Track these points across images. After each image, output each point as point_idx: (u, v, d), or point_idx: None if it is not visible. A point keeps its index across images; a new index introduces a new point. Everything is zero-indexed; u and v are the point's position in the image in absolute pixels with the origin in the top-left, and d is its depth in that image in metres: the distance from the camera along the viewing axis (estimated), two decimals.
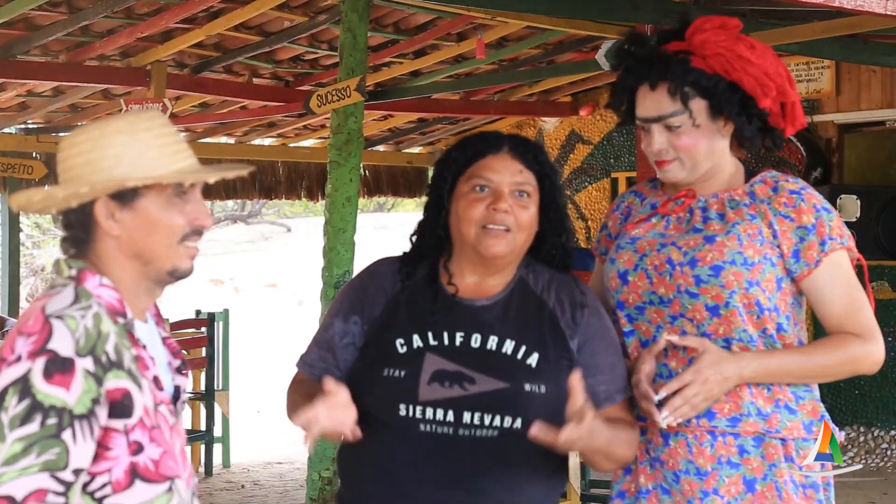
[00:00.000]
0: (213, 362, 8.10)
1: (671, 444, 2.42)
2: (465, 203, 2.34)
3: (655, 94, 2.44)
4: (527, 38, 8.05)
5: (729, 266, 2.37)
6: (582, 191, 10.07)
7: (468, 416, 2.25)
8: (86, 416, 1.79)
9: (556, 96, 9.90)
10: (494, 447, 2.26)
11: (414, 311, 2.36)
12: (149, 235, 1.92)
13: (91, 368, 1.79)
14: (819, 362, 2.41)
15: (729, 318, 2.38)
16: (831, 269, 2.42)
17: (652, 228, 2.52)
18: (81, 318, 1.82)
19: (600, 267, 2.66)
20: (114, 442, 1.83)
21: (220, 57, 8.11)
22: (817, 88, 8.43)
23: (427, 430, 2.26)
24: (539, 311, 2.37)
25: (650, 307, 2.45)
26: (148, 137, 1.92)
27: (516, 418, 2.25)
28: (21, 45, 7.39)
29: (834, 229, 2.42)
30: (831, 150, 8.49)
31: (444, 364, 2.29)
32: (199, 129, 10.38)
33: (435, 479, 2.25)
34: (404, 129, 10.89)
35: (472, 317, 2.35)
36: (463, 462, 2.25)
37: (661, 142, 2.44)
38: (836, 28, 6.08)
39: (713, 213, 2.46)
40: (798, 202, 2.42)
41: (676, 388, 2.33)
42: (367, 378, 2.33)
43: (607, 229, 2.67)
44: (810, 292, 2.44)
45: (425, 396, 2.26)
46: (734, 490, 2.38)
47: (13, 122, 9.59)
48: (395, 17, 7.64)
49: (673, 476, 2.42)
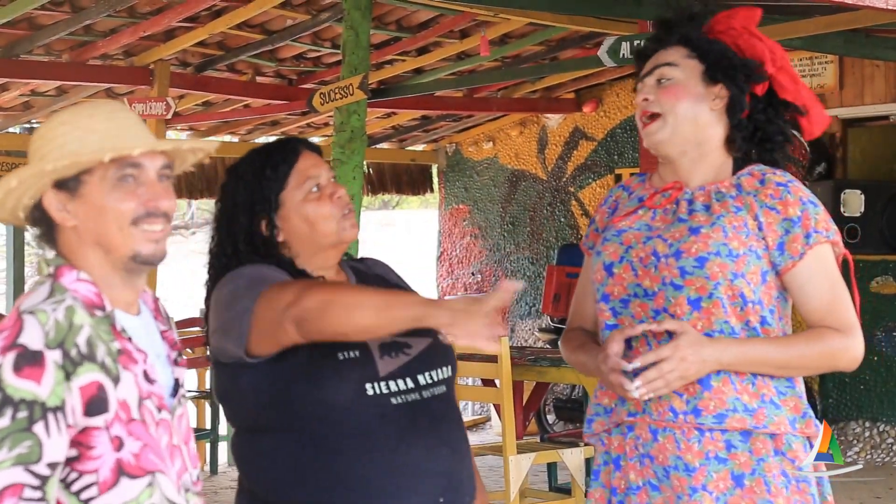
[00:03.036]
0: None
1: (659, 440, 2.41)
2: (314, 204, 2.42)
3: (660, 54, 2.52)
4: (530, 35, 8.05)
5: (714, 257, 2.37)
6: (586, 187, 10.06)
7: (422, 378, 2.36)
8: (60, 407, 1.78)
9: (559, 93, 9.90)
10: (448, 397, 2.42)
11: None
12: (98, 223, 1.89)
13: (60, 360, 1.79)
14: (797, 353, 2.40)
15: (711, 309, 2.38)
16: (815, 263, 2.41)
17: (638, 220, 2.52)
18: (53, 311, 1.82)
19: (587, 262, 2.66)
20: (96, 440, 1.82)
21: (222, 55, 8.12)
22: (821, 83, 8.42)
23: (399, 402, 2.30)
24: (386, 283, 2.55)
25: (634, 300, 2.45)
26: (90, 123, 1.90)
27: (448, 366, 2.43)
28: (24, 45, 7.40)
29: (819, 222, 2.41)
30: (835, 145, 8.48)
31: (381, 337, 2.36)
32: (203, 128, 10.38)
33: (425, 443, 2.31)
34: (407, 127, 10.89)
35: None
36: (438, 419, 2.36)
37: (647, 92, 2.49)
38: (839, 23, 6.07)
39: (699, 205, 2.46)
40: (784, 194, 2.42)
41: (652, 361, 2.33)
42: (322, 366, 2.28)
43: (595, 224, 2.67)
44: (793, 285, 2.43)
45: (384, 370, 2.31)
46: (723, 485, 2.37)
47: (17, 121, 9.61)
48: (397, 15, 7.65)
49: (663, 472, 2.41)
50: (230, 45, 8.02)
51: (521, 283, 2.09)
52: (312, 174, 2.44)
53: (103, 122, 1.90)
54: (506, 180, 10.67)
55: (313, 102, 6.17)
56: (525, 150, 10.56)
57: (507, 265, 10.62)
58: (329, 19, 7.31)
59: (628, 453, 2.47)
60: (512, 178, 10.61)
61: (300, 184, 2.43)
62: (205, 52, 8.09)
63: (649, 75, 2.50)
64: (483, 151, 10.89)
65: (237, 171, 2.50)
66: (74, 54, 7.75)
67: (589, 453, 5.72)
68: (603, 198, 2.70)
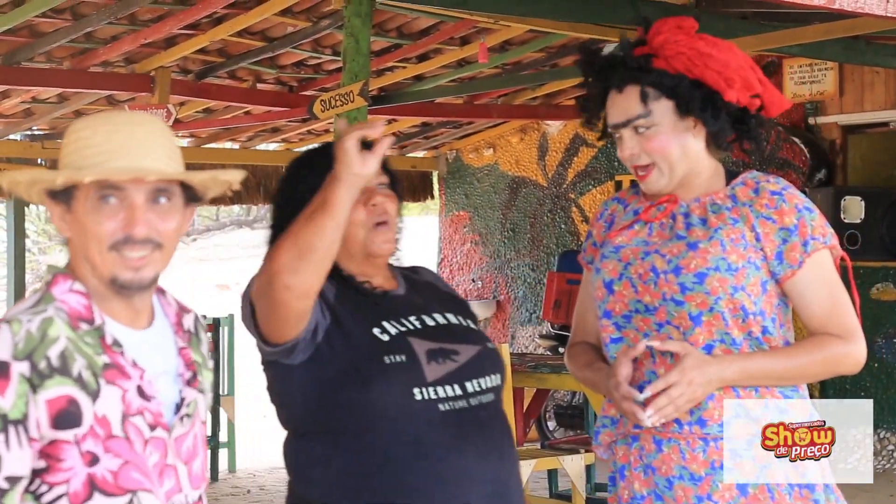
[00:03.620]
0: (219, 367, 8.12)
1: (664, 451, 2.41)
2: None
3: (622, 98, 2.46)
4: (530, 42, 8.06)
5: (713, 273, 2.37)
6: (586, 194, 10.07)
7: (470, 385, 2.34)
8: (20, 421, 1.74)
9: (559, 99, 9.90)
10: (496, 405, 2.39)
11: (361, 305, 2.38)
12: (83, 241, 1.85)
13: (27, 373, 1.75)
14: (800, 363, 2.40)
15: (712, 322, 2.38)
16: (814, 270, 2.41)
17: (635, 236, 2.51)
18: (28, 321, 1.78)
19: (586, 276, 2.65)
20: (65, 453, 1.78)
21: (223, 62, 8.13)
22: (820, 90, 8.43)
23: (447, 408, 2.29)
24: (437, 290, 2.54)
25: (636, 315, 2.45)
26: (93, 136, 1.84)
27: (496, 374, 2.41)
28: (25, 52, 7.41)
29: (816, 229, 2.41)
30: (835, 152, 8.49)
31: (428, 344, 2.34)
32: (204, 135, 10.40)
33: (474, 450, 2.30)
34: (408, 134, 10.90)
35: (408, 303, 2.44)
36: (487, 427, 2.34)
37: (631, 146, 2.45)
38: (838, 30, 6.08)
39: (695, 219, 2.45)
40: (780, 203, 2.42)
41: (662, 388, 2.33)
42: (369, 371, 2.28)
43: (592, 237, 2.65)
44: (793, 293, 2.43)
45: (431, 376, 2.30)
46: (728, 495, 2.37)
47: (18, 128, 9.62)
48: (397, 22, 7.65)
49: (666, 482, 2.41)
50: (231, 52, 8.03)
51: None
52: None
53: (108, 135, 1.84)
54: (506, 187, 10.68)
55: (314, 109, 6.17)
56: (525, 156, 10.57)
57: (508, 272, 10.62)
58: (329, 26, 7.32)
59: (633, 463, 2.47)
60: (512, 185, 10.62)
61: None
62: (205, 59, 8.10)
63: (622, 127, 2.45)
64: (483, 158, 10.90)
65: (295, 167, 2.48)
66: (75, 61, 7.76)
67: (589, 460, 5.72)
68: (599, 209, 2.69)
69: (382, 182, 2.44)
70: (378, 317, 2.36)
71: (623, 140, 2.46)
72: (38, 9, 6.49)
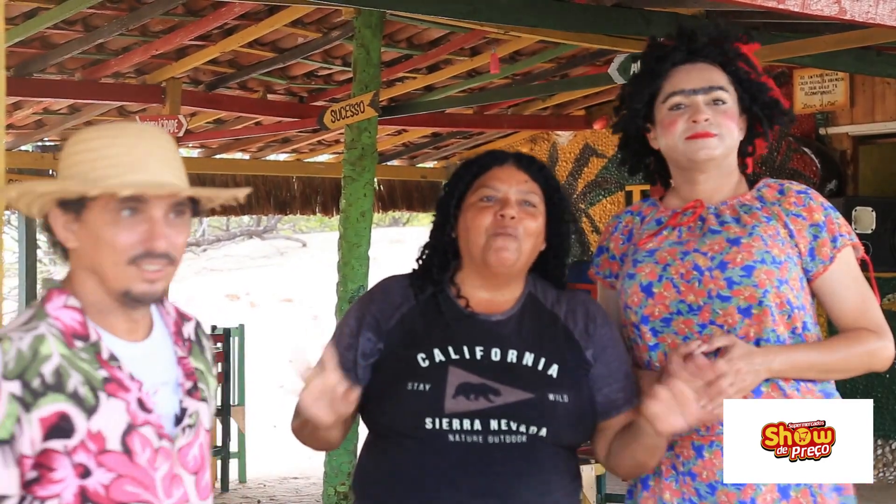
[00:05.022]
0: (229, 377, 8.11)
1: (705, 456, 2.41)
2: (473, 212, 2.37)
3: (698, 68, 2.51)
4: (540, 53, 8.06)
5: (760, 265, 2.39)
6: (596, 204, 10.07)
7: (495, 423, 2.27)
8: (7, 441, 1.73)
9: (569, 110, 9.91)
10: (524, 452, 2.28)
11: (431, 325, 2.37)
12: (95, 252, 1.82)
13: (18, 392, 1.73)
14: (841, 356, 2.44)
15: (761, 317, 2.39)
16: (843, 266, 2.46)
17: (666, 240, 2.52)
18: (19, 339, 1.77)
19: (605, 291, 2.64)
20: (56, 462, 1.77)
21: (234, 73, 8.15)
22: (831, 100, 8.42)
23: (457, 440, 2.27)
24: (552, 325, 2.40)
25: (678, 317, 2.45)
26: (107, 148, 1.82)
27: (542, 427, 2.28)
28: (37, 64, 7.44)
29: (842, 226, 2.48)
30: (846, 162, 8.47)
31: (469, 377, 2.30)
32: (214, 146, 10.41)
33: (470, 487, 2.25)
34: (418, 144, 10.90)
35: (489, 331, 2.36)
36: (495, 468, 2.26)
37: (706, 111, 2.47)
38: (850, 40, 6.07)
39: (728, 218, 2.48)
40: (807, 201, 2.48)
41: (711, 379, 2.33)
42: (389, 393, 2.33)
43: (609, 251, 2.64)
44: (824, 290, 2.47)
45: (451, 409, 2.27)
46: (769, 498, 2.38)
47: (30, 139, 9.65)
48: (408, 33, 7.67)
49: (707, 488, 2.41)
50: (242, 62, 8.05)
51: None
52: (493, 185, 2.39)
53: (123, 148, 1.83)
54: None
55: (324, 120, 6.19)
56: None
57: None
58: (340, 37, 7.33)
59: (664, 473, 2.45)
60: None
61: (479, 188, 2.40)
62: (216, 69, 8.12)
63: (702, 93, 2.48)
64: None
65: (461, 164, 2.50)
66: (87, 73, 7.78)
67: (600, 470, 5.70)
68: (612, 223, 2.68)
69: (529, 200, 2.38)
70: (436, 341, 2.34)
71: (698, 105, 2.47)
72: (50, 20, 6.52)
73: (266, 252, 24.36)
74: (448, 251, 2.43)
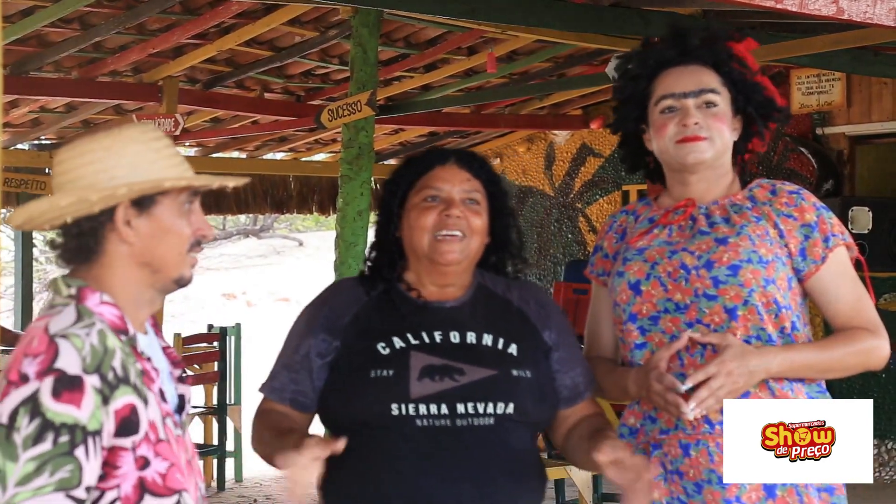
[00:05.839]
0: (226, 377, 8.11)
1: (692, 455, 2.41)
2: (417, 213, 2.40)
3: (690, 71, 2.50)
4: (537, 52, 8.06)
5: (746, 265, 2.39)
6: (593, 203, 10.07)
7: (462, 406, 2.29)
8: (98, 431, 1.79)
9: (566, 109, 9.91)
10: (493, 433, 2.31)
11: (386, 317, 2.39)
12: (161, 243, 1.92)
13: (98, 385, 1.79)
14: (837, 355, 2.43)
15: (748, 317, 2.39)
16: (836, 265, 2.45)
17: (656, 238, 2.53)
18: (87, 335, 1.82)
19: (599, 290, 2.65)
20: (122, 460, 1.83)
21: (231, 72, 8.15)
22: (828, 100, 8.42)
23: (424, 425, 2.28)
24: (506, 309, 2.46)
25: (665, 315, 2.46)
26: (159, 146, 1.93)
27: (508, 403, 2.32)
28: (34, 62, 7.44)
29: (835, 226, 2.47)
30: (843, 162, 8.48)
31: (431, 360, 2.32)
32: (211, 144, 10.41)
33: (442, 471, 2.26)
34: (415, 143, 10.90)
35: (444, 317, 2.40)
36: (466, 451, 2.28)
37: (697, 116, 2.47)
38: (847, 40, 6.08)
39: (718, 218, 2.49)
40: (799, 201, 2.48)
41: (702, 380, 2.33)
42: (353, 383, 2.33)
43: (602, 250, 2.66)
44: (817, 290, 2.46)
45: (417, 393, 2.28)
46: (755, 496, 2.38)
47: (26, 138, 9.64)
48: (405, 32, 7.67)
49: (694, 487, 2.41)
50: (239, 61, 8.05)
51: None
52: (437, 185, 2.41)
53: (166, 147, 1.94)
54: (513, 196, 10.66)
55: (321, 119, 6.19)
56: (532, 166, 10.58)
57: None
58: (337, 36, 7.33)
59: (652, 472, 2.45)
60: (519, 194, 10.62)
61: (422, 188, 2.42)
62: (213, 68, 8.12)
63: (693, 97, 2.48)
64: None
65: (400, 164, 2.51)
66: (84, 71, 7.78)
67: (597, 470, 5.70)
68: (607, 222, 2.69)
69: (472, 198, 2.42)
70: (394, 330, 2.36)
71: (688, 109, 2.47)
72: (46, 18, 6.52)
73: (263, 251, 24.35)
74: (394, 250, 2.45)
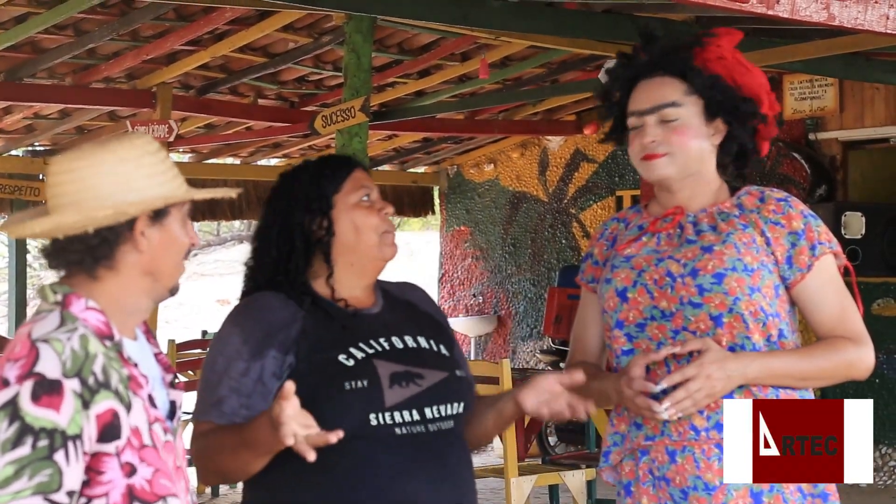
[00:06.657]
0: None
1: (678, 461, 2.41)
2: (363, 213, 2.43)
3: (654, 85, 2.49)
4: (530, 58, 8.07)
5: (731, 273, 2.39)
6: (587, 209, 10.09)
7: (429, 411, 2.34)
8: (79, 436, 1.79)
9: (560, 115, 9.93)
10: (454, 434, 2.39)
11: (330, 329, 2.37)
12: (167, 252, 1.97)
13: (78, 389, 1.80)
14: (818, 364, 2.43)
15: (733, 324, 2.39)
16: (822, 274, 2.44)
17: (644, 246, 2.53)
18: (67, 340, 1.83)
19: (588, 296, 2.66)
20: (106, 465, 1.83)
21: (225, 78, 8.15)
22: (821, 106, 8.44)
23: (403, 433, 2.30)
24: (414, 311, 2.52)
25: (651, 323, 2.46)
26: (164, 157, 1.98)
27: (460, 403, 2.40)
28: (28, 68, 7.44)
29: (822, 234, 2.46)
30: (835, 168, 8.50)
31: (394, 367, 2.34)
32: (205, 150, 10.42)
33: (425, 475, 2.30)
34: (409, 149, 10.92)
35: (378, 323, 2.43)
36: (441, 454, 2.34)
37: (654, 134, 2.46)
38: (839, 46, 6.10)
39: (705, 226, 2.48)
40: (786, 209, 2.47)
41: (678, 381, 2.34)
42: (324, 397, 2.27)
43: (593, 257, 2.66)
44: (802, 298, 2.46)
45: (391, 401, 2.30)
46: (741, 503, 2.38)
47: (20, 144, 9.64)
48: (398, 38, 7.68)
49: (680, 494, 2.41)
50: (232, 68, 8.05)
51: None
52: (366, 185, 2.47)
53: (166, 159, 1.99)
54: (507, 202, 10.69)
55: (315, 125, 6.19)
56: (526, 171, 10.59)
57: (509, 287, 10.63)
58: (331, 42, 7.34)
59: (641, 478, 2.46)
60: (513, 200, 10.63)
61: (354, 189, 2.45)
62: (207, 75, 8.13)
63: (650, 114, 2.47)
64: (484, 173, 10.92)
65: (294, 174, 2.50)
66: (77, 77, 7.78)
67: (590, 476, 5.71)
68: (599, 229, 2.70)
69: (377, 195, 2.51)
70: (346, 341, 2.34)
71: (645, 127, 2.47)
72: (40, 25, 6.52)
73: None
74: (310, 254, 2.43)
